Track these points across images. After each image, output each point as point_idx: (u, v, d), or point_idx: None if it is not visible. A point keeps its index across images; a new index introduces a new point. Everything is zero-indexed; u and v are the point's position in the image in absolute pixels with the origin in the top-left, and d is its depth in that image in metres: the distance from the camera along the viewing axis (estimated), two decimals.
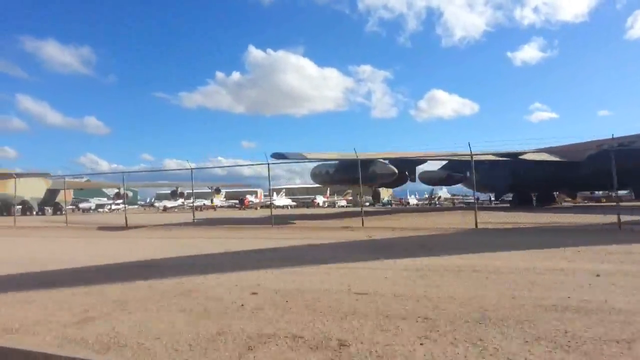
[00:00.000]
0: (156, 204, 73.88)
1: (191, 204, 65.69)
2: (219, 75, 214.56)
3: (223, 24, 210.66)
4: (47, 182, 49.26)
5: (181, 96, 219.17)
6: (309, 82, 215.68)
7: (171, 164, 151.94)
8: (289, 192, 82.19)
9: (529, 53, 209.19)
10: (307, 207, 65.58)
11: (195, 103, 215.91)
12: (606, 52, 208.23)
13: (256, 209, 58.87)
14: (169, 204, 64.49)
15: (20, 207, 47.46)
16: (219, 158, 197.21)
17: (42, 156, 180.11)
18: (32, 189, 46.62)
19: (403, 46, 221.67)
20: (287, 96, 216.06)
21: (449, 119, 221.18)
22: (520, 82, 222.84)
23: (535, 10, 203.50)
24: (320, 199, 70.69)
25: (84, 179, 52.23)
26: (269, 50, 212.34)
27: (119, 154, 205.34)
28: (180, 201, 62.31)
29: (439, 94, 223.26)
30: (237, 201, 68.08)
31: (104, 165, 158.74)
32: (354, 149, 17.93)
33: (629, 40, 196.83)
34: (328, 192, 73.96)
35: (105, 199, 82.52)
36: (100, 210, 73.67)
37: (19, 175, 34.56)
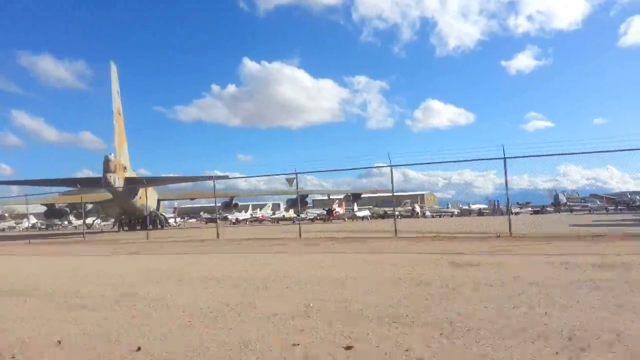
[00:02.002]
0: (229, 217, 72.24)
1: (254, 216, 69.38)
2: (215, 88, 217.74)
3: (218, 37, 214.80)
4: (156, 191, 46.97)
5: (177, 109, 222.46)
6: (304, 93, 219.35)
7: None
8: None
9: (524, 62, 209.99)
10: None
11: (192, 116, 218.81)
12: (600, 60, 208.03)
13: (344, 219, 58.79)
14: (240, 216, 65.81)
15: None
16: (215, 171, 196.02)
17: (37, 172, 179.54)
18: (151, 199, 42.33)
19: (398, 56, 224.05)
20: (282, 108, 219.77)
21: (444, 129, 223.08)
22: (515, 91, 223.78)
23: (530, 18, 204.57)
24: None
25: None
26: (264, 62, 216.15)
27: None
28: (248, 214, 62.51)
29: (435, 103, 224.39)
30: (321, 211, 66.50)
31: None
32: None
33: (622, 47, 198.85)
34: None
35: None
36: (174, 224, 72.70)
37: (149, 182, 32.36)
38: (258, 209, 79.57)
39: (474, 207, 70.89)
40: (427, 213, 78.14)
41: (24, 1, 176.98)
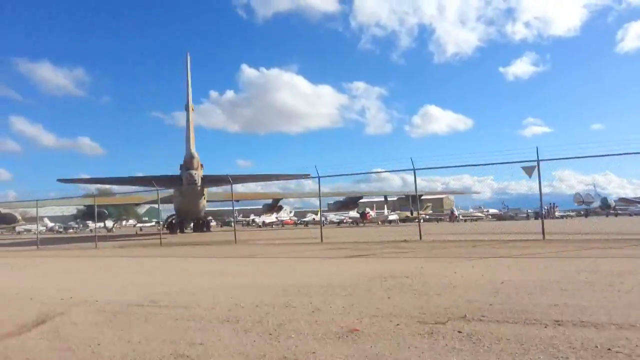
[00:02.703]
0: (256, 220, 71.97)
1: (280, 219, 67.55)
2: (213, 94, 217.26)
3: (216, 43, 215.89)
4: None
5: (176, 115, 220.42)
6: (303, 99, 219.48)
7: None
8: None
9: (521, 68, 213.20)
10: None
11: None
12: (598, 66, 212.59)
13: (378, 223, 56.83)
14: (267, 219, 64.33)
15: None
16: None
17: (36, 178, 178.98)
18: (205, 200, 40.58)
19: (396, 63, 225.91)
20: (281, 114, 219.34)
21: (443, 135, 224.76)
22: (513, 97, 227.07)
23: (527, 25, 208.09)
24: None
25: None
26: (262, 69, 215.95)
27: (113, 175, 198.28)
28: (274, 216, 61.28)
29: (433, 109, 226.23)
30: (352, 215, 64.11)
31: (97, 186, 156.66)
32: None
33: (620, 53, 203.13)
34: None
35: None
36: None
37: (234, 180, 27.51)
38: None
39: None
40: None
41: (23, 8, 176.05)
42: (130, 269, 11.98)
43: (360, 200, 57.91)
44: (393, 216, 66.58)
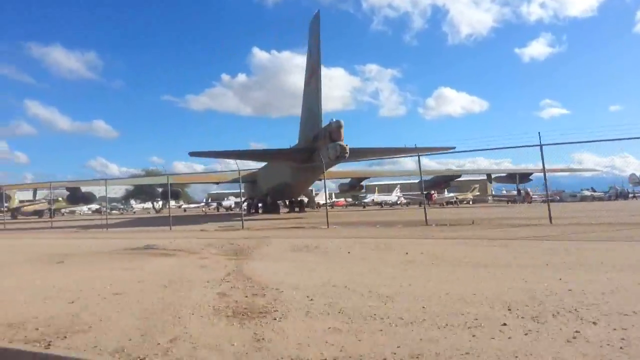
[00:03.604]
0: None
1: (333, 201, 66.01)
2: (225, 77, 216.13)
3: (227, 26, 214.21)
4: None
5: (188, 99, 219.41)
6: None
7: (179, 166, 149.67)
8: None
9: (537, 49, 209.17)
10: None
11: (203, 105, 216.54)
12: (615, 47, 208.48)
13: (443, 205, 54.18)
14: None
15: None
16: (227, 160, 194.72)
17: (52, 160, 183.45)
18: None
19: (409, 44, 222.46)
20: (293, 97, 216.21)
21: (458, 117, 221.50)
22: (529, 78, 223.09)
23: (543, 5, 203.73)
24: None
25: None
26: (274, 52, 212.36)
27: (128, 157, 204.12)
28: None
29: (447, 91, 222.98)
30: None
31: (114, 169, 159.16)
32: None
33: (638, 33, 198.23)
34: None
35: None
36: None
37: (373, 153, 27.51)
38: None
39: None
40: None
41: None
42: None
43: (363, 182, 56.21)
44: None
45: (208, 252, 9.42)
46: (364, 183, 55.73)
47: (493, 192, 76.30)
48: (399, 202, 71.94)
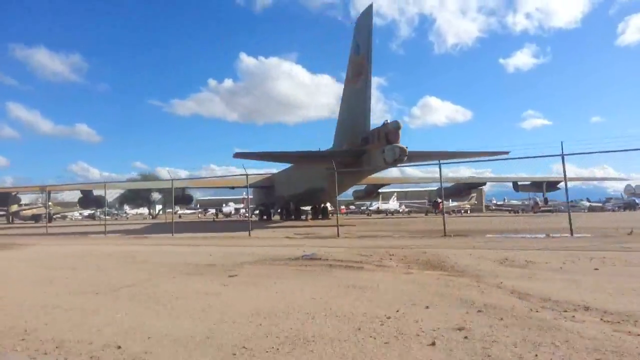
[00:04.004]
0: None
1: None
2: (212, 82, 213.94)
3: (214, 31, 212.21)
4: None
5: (174, 103, 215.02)
6: (302, 89, 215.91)
7: (163, 172, 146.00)
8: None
9: (522, 59, 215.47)
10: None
11: (189, 110, 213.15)
12: (598, 59, 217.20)
13: (450, 213, 52.89)
14: None
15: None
16: (212, 166, 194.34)
17: (33, 164, 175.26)
18: None
19: (396, 53, 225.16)
20: (280, 103, 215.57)
21: (442, 126, 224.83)
22: (513, 88, 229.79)
23: (528, 16, 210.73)
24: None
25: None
26: (261, 58, 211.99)
27: (110, 162, 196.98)
28: None
29: (432, 100, 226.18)
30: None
31: (95, 174, 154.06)
32: None
33: (620, 46, 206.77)
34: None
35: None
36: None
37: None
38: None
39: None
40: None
41: None
42: None
43: (381, 190, 54.71)
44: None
45: (400, 265, 7.73)
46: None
47: (496, 201, 76.24)
48: (400, 211, 71.40)
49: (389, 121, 23.61)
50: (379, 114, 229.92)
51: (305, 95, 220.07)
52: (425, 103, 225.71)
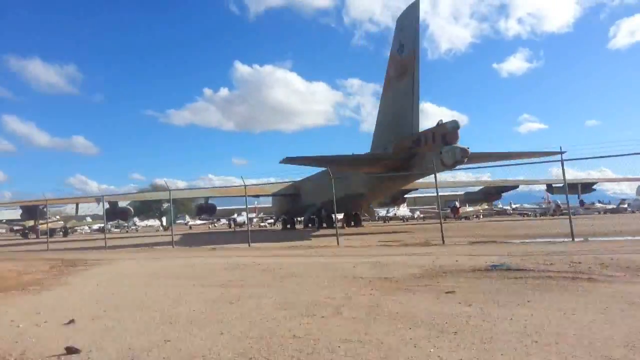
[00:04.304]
0: None
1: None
2: (207, 91, 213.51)
3: (209, 40, 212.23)
4: None
5: (170, 113, 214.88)
6: (297, 96, 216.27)
7: (160, 182, 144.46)
8: None
9: (515, 64, 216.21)
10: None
11: (185, 120, 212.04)
12: (591, 62, 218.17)
13: (469, 218, 53.22)
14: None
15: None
16: (210, 176, 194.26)
17: (29, 178, 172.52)
18: None
19: None
20: (276, 111, 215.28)
21: None
22: (507, 93, 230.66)
23: (520, 21, 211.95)
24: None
25: None
26: (256, 66, 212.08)
27: (108, 174, 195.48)
28: None
29: (428, 106, 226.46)
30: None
31: (93, 186, 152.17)
32: None
33: (612, 49, 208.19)
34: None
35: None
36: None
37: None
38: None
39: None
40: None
41: (11, 4, 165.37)
42: None
43: (407, 195, 53.66)
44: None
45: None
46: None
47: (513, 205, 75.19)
48: (415, 217, 70.49)
49: (443, 121, 22.71)
50: (374, 120, 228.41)
51: (301, 103, 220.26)
52: (421, 109, 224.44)
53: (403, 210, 71.86)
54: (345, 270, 8.81)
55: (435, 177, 19.53)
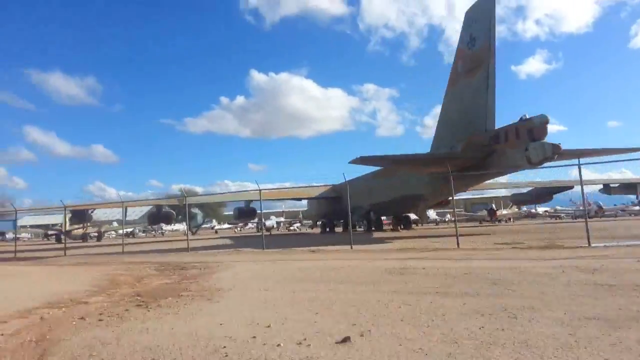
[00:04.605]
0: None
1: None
2: (224, 100, 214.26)
3: (225, 49, 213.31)
4: None
5: (187, 122, 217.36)
6: (313, 103, 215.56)
7: (177, 189, 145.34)
8: None
9: (534, 66, 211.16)
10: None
11: (202, 128, 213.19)
12: (611, 62, 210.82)
13: (507, 221, 52.62)
14: None
15: None
16: (226, 181, 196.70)
17: (50, 186, 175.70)
18: None
19: (407, 64, 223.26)
20: (292, 118, 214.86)
21: None
22: (526, 95, 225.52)
23: (538, 22, 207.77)
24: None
25: None
26: (271, 74, 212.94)
27: (127, 181, 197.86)
28: None
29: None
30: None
31: (112, 193, 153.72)
32: None
33: (634, 48, 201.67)
34: None
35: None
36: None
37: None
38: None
39: None
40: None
41: (31, 19, 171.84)
42: None
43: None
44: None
45: None
46: None
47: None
48: (446, 220, 68.68)
49: (527, 116, 21.26)
50: (391, 124, 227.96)
51: (317, 109, 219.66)
52: (438, 112, 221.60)
53: (431, 212, 70.02)
54: (476, 272, 7.51)
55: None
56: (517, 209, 68.24)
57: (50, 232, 50.25)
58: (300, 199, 48.08)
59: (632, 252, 10.80)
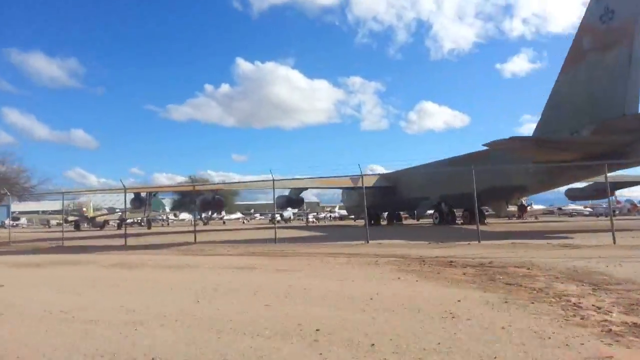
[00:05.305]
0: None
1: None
2: (208, 87, 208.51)
3: (211, 36, 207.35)
4: None
5: (170, 109, 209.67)
6: (299, 93, 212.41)
7: (160, 177, 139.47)
8: None
9: (519, 64, 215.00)
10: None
11: (185, 115, 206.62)
12: None
13: (536, 217, 50.45)
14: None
15: None
16: (209, 171, 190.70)
17: (28, 170, 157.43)
18: None
19: (393, 58, 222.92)
20: (277, 108, 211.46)
21: (439, 131, 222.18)
22: (510, 93, 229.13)
23: (525, 21, 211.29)
24: None
25: None
26: (258, 63, 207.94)
27: (107, 169, 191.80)
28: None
29: (429, 105, 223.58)
30: None
31: (92, 180, 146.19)
32: None
33: None
34: None
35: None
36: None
37: None
38: None
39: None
40: None
41: None
42: None
43: None
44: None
45: None
46: None
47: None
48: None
49: None
50: (375, 118, 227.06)
51: (302, 100, 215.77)
52: (422, 108, 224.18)
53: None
54: None
55: None
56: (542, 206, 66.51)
57: (70, 218, 44.45)
58: (339, 188, 44.78)
59: None
